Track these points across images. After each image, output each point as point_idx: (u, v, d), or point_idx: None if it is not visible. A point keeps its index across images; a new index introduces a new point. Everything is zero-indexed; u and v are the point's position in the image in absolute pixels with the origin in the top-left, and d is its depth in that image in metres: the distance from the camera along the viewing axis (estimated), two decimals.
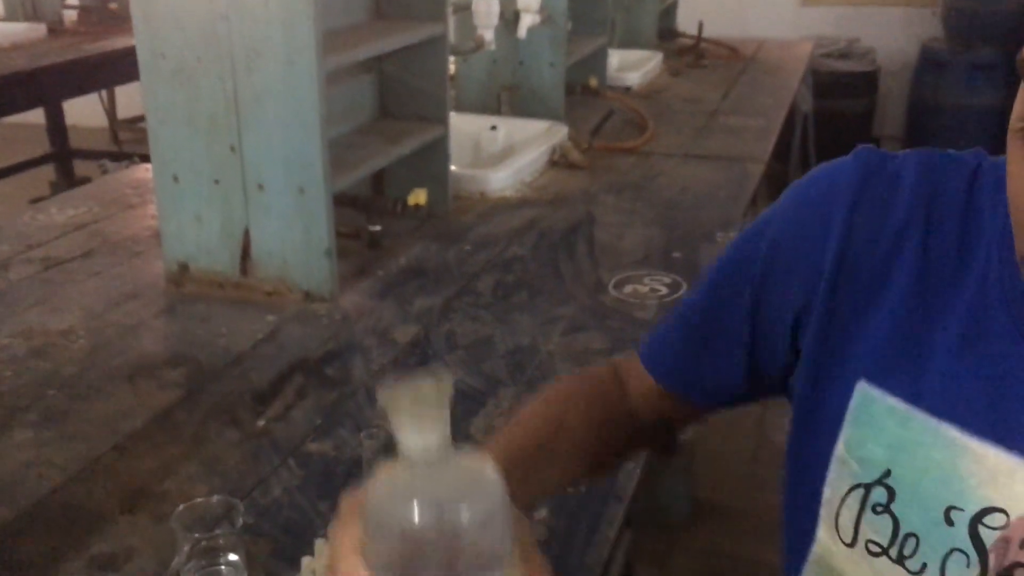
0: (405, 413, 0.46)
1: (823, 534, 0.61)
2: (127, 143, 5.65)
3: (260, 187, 1.59)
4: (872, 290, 0.60)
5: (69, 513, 1.08)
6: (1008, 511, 0.49)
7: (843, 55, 5.15)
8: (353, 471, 1.14)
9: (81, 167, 4.55)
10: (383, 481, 0.46)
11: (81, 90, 4.42)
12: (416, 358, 1.45)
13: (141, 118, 5.99)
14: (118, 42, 3.98)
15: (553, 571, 0.97)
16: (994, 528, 0.50)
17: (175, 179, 1.64)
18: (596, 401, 0.81)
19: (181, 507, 0.95)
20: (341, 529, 0.48)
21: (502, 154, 2.43)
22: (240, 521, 0.95)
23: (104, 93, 5.73)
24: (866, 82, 5.07)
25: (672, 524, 2.64)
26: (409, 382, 0.45)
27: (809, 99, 4.55)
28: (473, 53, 2.34)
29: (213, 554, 0.95)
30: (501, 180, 2.20)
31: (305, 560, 0.85)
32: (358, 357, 1.45)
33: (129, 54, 1.66)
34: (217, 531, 0.94)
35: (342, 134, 1.88)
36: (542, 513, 1.08)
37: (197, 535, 0.93)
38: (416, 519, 0.44)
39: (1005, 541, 0.49)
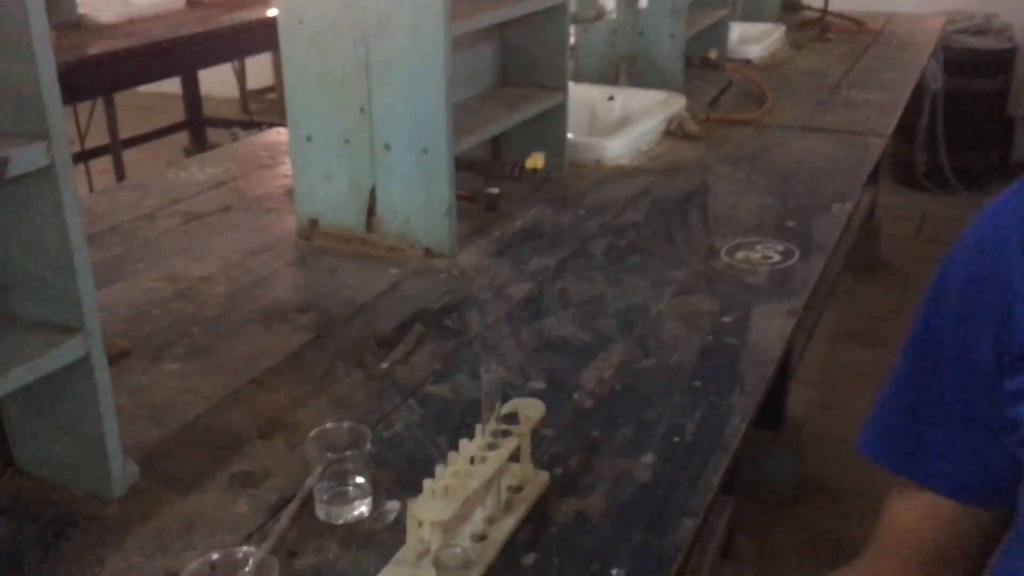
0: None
1: None
2: (256, 113, 5.89)
3: (387, 147, 1.68)
4: None
5: (212, 436, 1.18)
6: None
7: (979, 31, 4.93)
8: (468, 411, 1.21)
9: (213, 135, 4.77)
10: None
11: (215, 60, 4.63)
12: (530, 312, 1.50)
13: (270, 89, 6.26)
14: (251, 14, 4.15)
15: (656, 513, 1.01)
16: None
17: (308, 139, 1.74)
18: None
19: (315, 431, 1.04)
20: None
21: (618, 124, 2.46)
22: (367, 446, 1.03)
23: (236, 64, 5.97)
24: (1002, 60, 4.85)
25: (775, 500, 2.63)
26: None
27: (939, 77, 4.39)
28: (593, 22, 2.37)
29: (342, 476, 1.03)
30: (617, 148, 2.23)
31: (427, 482, 0.92)
32: (475, 310, 1.52)
33: (261, 26, 1.76)
34: (347, 453, 1.02)
35: (464, 99, 1.94)
36: (648, 458, 1.13)
37: (329, 456, 1.01)
38: None
39: None
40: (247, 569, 0.83)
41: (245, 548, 0.85)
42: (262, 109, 5.97)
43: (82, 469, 1.05)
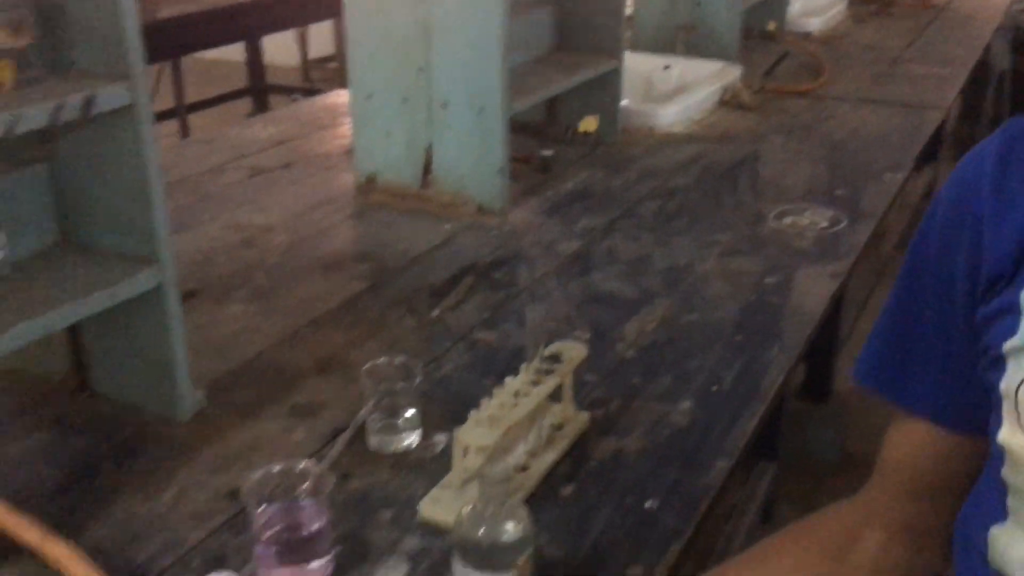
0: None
1: (1005, 434, 0.61)
2: (317, 82, 5.98)
3: (444, 106, 1.73)
4: None
5: (272, 370, 1.25)
6: None
7: None
8: (514, 357, 1.26)
9: (275, 102, 4.87)
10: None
11: (279, 26, 4.72)
12: (577, 268, 1.55)
13: (331, 58, 6.33)
14: None
15: (691, 454, 1.06)
16: None
17: (369, 97, 1.80)
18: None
19: (369, 364, 1.10)
20: None
21: (673, 93, 2.48)
22: (419, 379, 1.09)
23: (298, 34, 6.06)
24: None
25: (819, 470, 2.65)
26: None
27: (1007, 57, 4.31)
28: None
29: (393, 409, 1.09)
30: (670, 116, 2.25)
31: (473, 412, 0.97)
32: (524, 265, 1.57)
33: None
34: (398, 386, 1.08)
35: (520, 62, 1.98)
36: (686, 404, 1.17)
37: (381, 388, 1.07)
38: None
39: None
40: (305, 483, 0.90)
41: (304, 462, 0.92)
42: (323, 78, 6.06)
43: (153, 393, 1.13)
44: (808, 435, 2.67)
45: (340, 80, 5.66)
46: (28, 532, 0.83)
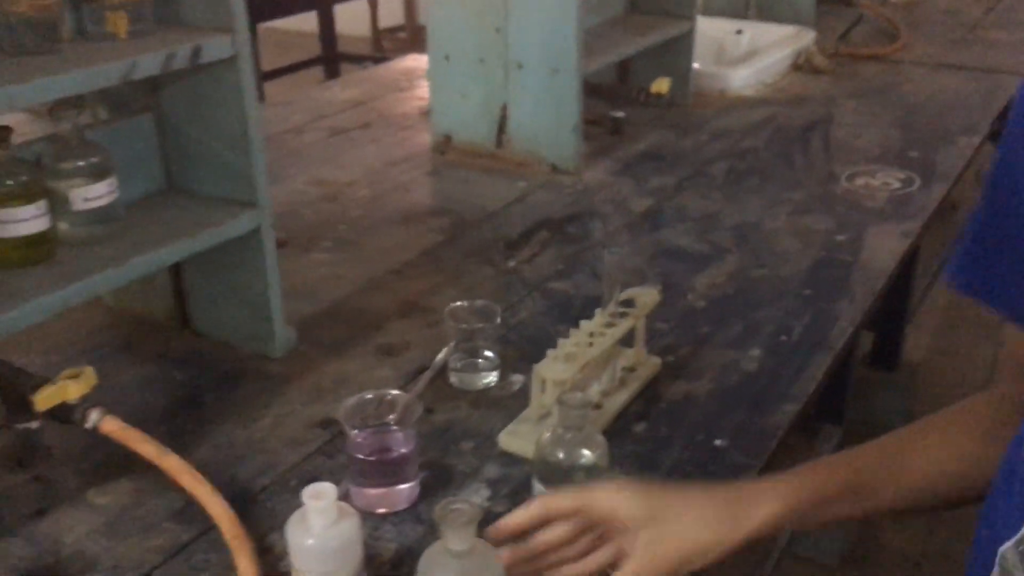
0: (447, 523, 0.71)
1: None
2: (387, 52, 6.05)
3: (519, 66, 1.77)
4: None
5: (357, 313, 1.32)
6: None
7: None
8: (588, 305, 1.30)
9: (346, 71, 4.95)
10: (430, 555, 0.73)
11: None
12: (649, 224, 1.59)
13: (401, 28, 6.39)
14: None
15: (759, 398, 1.09)
16: None
17: (446, 59, 1.85)
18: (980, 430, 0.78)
19: (451, 305, 1.16)
20: None
21: (745, 58, 2.48)
22: (499, 319, 1.14)
23: (368, 3, 6.13)
24: None
25: None
26: (455, 504, 0.71)
27: None
28: None
29: (474, 349, 1.15)
30: (742, 79, 2.26)
31: (550, 350, 1.02)
32: (596, 220, 1.61)
33: None
34: (479, 326, 1.13)
35: (594, 24, 2.01)
36: (755, 351, 1.21)
37: (463, 327, 1.13)
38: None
39: None
40: (396, 411, 0.96)
41: (395, 392, 0.98)
42: (393, 48, 6.13)
43: (249, 331, 1.20)
44: (875, 403, 2.67)
45: (409, 49, 5.74)
46: (146, 447, 0.90)
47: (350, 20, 5.94)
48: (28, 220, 0.96)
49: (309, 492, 0.78)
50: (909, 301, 2.48)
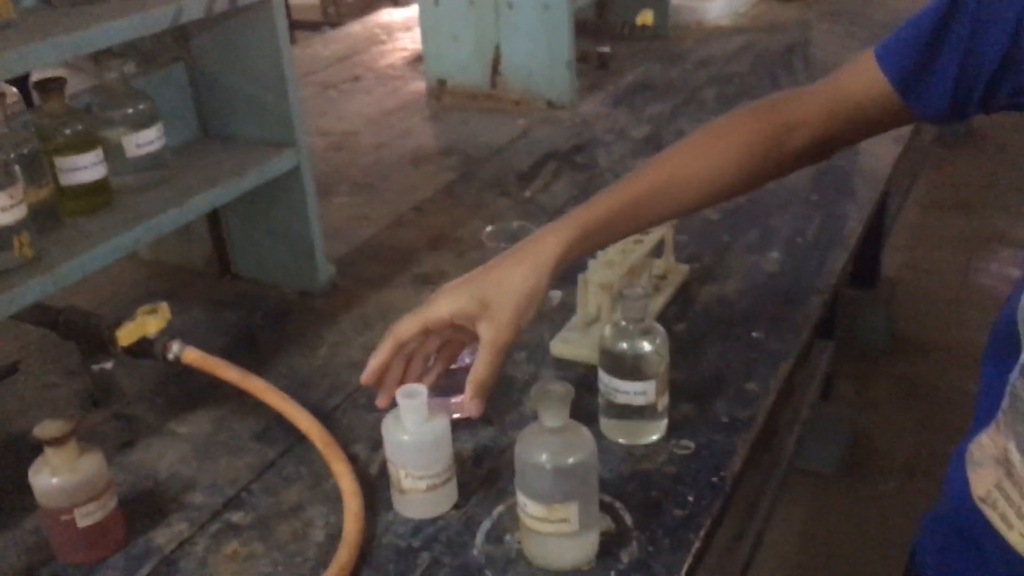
0: (544, 404, 0.76)
1: None
2: (334, 17, 6.00)
3: (510, 5, 1.81)
4: None
5: (388, 249, 1.37)
6: None
7: None
8: None
9: (300, 37, 4.91)
10: (528, 435, 0.78)
11: None
12: (651, 148, 1.64)
13: None
14: None
15: (787, 293, 1.16)
16: None
17: (436, 4, 1.88)
18: (742, 142, 0.91)
19: (489, 228, 1.21)
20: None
21: None
22: None
23: None
24: None
25: (871, 353, 2.76)
26: (549, 386, 0.76)
27: None
28: None
29: None
30: (717, 9, 2.32)
31: (591, 260, 1.08)
32: (601, 149, 1.66)
33: None
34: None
35: None
36: (775, 254, 1.27)
37: (502, 246, 1.18)
38: (541, 459, 0.77)
39: None
40: None
41: None
42: (340, 13, 6.07)
43: (291, 269, 1.24)
44: (859, 318, 2.77)
45: (359, 14, 5.69)
46: (228, 372, 0.95)
47: None
48: (88, 168, 0.99)
49: (403, 391, 0.83)
50: (884, 220, 2.57)
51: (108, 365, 1.01)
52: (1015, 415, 0.74)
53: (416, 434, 0.84)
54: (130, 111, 1.03)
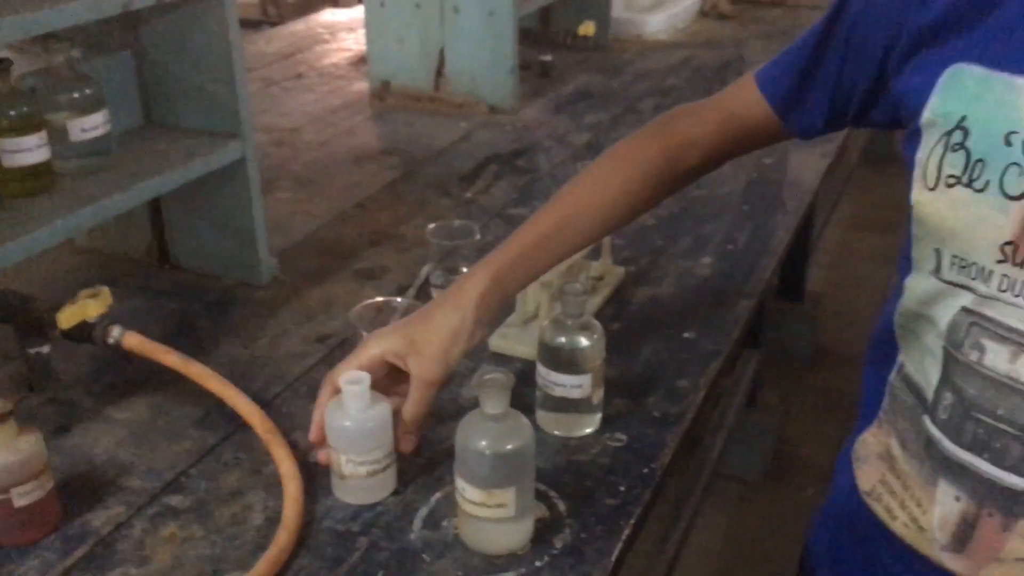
0: (485, 391, 0.79)
1: (916, 193, 0.74)
2: (274, 17, 5.95)
3: (455, 10, 1.83)
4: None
5: (331, 244, 1.38)
6: None
7: None
8: None
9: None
10: (469, 422, 0.81)
11: None
12: (591, 155, 1.68)
13: None
14: None
15: (718, 296, 1.20)
16: None
17: (382, 5, 1.89)
18: (632, 174, 0.96)
19: (433, 224, 1.23)
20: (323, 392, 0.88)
21: (653, 5, 2.60)
22: (478, 235, 1.22)
23: None
24: None
25: (796, 364, 2.84)
26: (491, 374, 0.79)
27: None
28: None
29: (454, 265, 1.22)
30: (656, 24, 2.38)
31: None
32: (541, 154, 1.70)
33: None
34: (458, 243, 1.21)
35: None
36: (707, 259, 1.32)
37: (445, 243, 1.20)
38: (481, 445, 0.79)
39: None
40: (398, 316, 1.03)
41: (398, 298, 1.05)
42: (279, 13, 6.03)
43: (233, 260, 1.25)
44: (785, 331, 2.86)
45: (298, 13, 5.65)
46: (169, 357, 0.95)
47: None
48: (32, 150, 0.98)
49: (347, 378, 0.85)
50: (811, 237, 2.65)
51: (45, 349, 1.01)
52: (895, 413, 0.80)
53: (359, 420, 0.86)
54: (76, 95, 1.03)
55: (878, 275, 3.40)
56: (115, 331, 0.96)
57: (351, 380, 0.85)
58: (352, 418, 0.85)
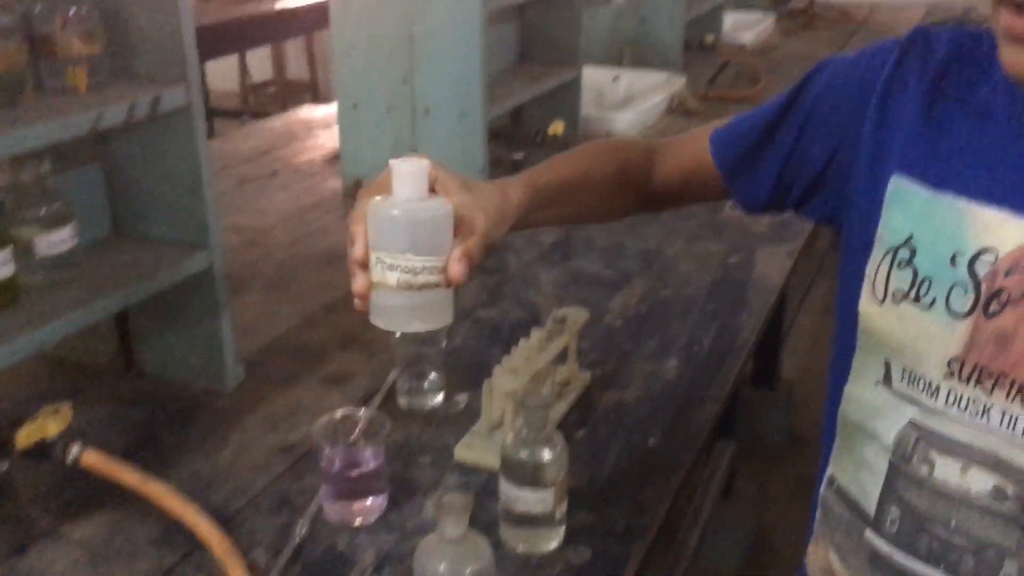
0: (444, 513, 0.77)
1: (863, 304, 0.77)
2: (257, 106, 6.05)
3: (427, 112, 1.87)
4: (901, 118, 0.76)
5: (299, 348, 1.38)
6: (998, 250, 0.68)
7: (958, 23, 5.16)
8: (517, 329, 1.40)
9: (219, 125, 4.94)
10: (428, 544, 0.81)
11: (223, 51, 4.79)
12: (559, 254, 1.71)
13: (269, 83, 6.38)
14: (250, 8, 4.32)
15: (683, 401, 1.21)
16: (987, 263, 0.68)
17: (355, 107, 1.93)
18: (621, 165, 0.95)
19: (399, 333, 1.23)
20: (357, 206, 0.79)
21: (623, 103, 2.66)
22: (444, 342, 1.23)
23: (237, 59, 6.13)
24: None
25: (771, 451, 2.84)
26: (449, 496, 0.78)
27: None
28: (604, 5, 2.57)
29: (420, 371, 1.23)
30: (625, 121, 2.43)
31: (497, 367, 1.11)
32: (511, 253, 1.72)
33: (262, 20, 1.94)
34: (425, 349, 1.21)
35: (490, 73, 2.13)
36: (673, 362, 1.33)
37: (411, 350, 1.21)
38: (439, 570, 0.79)
39: (994, 272, 0.68)
40: (363, 426, 1.03)
41: (363, 409, 1.05)
42: (262, 102, 6.13)
43: (199, 368, 1.24)
44: (759, 419, 2.86)
45: (279, 104, 5.74)
46: (128, 476, 0.94)
47: (219, 75, 5.92)
48: None
49: (401, 160, 0.73)
50: (782, 326, 2.68)
51: (4, 467, 1.00)
52: (830, 527, 0.80)
53: (409, 210, 0.71)
54: (43, 211, 1.04)
55: None
56: (74, 449, 0.95)
57: (406, 161, 0.72)
58: (400, 206, 0.71)
